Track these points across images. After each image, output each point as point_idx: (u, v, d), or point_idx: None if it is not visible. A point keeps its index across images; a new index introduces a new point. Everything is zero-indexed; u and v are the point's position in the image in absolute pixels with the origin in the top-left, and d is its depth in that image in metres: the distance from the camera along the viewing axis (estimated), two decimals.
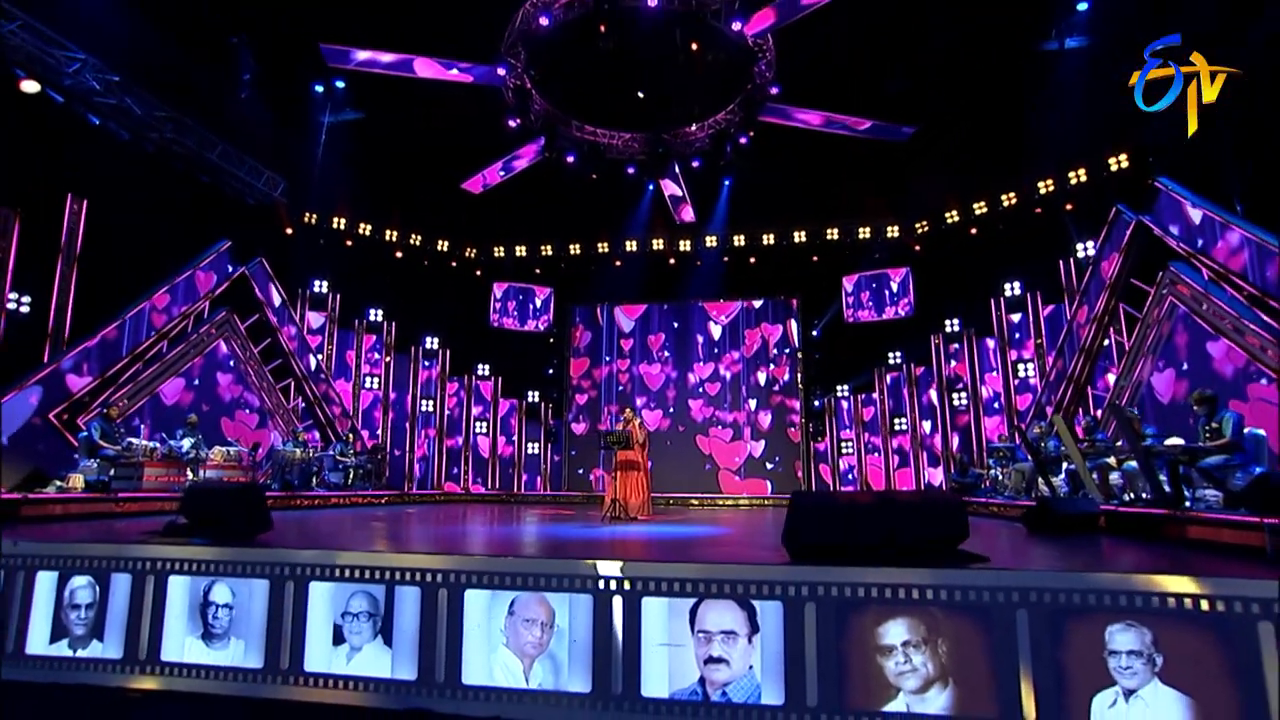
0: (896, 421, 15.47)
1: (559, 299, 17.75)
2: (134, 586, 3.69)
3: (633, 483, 8.17)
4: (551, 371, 17.57)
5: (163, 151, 11.17)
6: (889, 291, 15.94)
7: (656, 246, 16.88)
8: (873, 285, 16.08)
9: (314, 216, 14.57)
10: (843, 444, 15.99)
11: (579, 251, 17.20)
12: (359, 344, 15.20)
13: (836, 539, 3.21)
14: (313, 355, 14.12)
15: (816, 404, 16.34)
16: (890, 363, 15.62)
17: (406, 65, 12.67)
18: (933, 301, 15.26)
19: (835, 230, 16.01)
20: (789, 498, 3.59)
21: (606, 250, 17.02)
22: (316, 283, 14.62)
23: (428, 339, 16.35)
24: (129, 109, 10.33)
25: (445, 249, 16.58)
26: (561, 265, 17.39)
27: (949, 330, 14.81)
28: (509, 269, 17.33)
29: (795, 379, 16.61)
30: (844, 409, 16.10)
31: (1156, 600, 2.63)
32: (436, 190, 15.48)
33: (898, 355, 15.56)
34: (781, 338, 16.89)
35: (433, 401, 16.24)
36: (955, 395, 14.63)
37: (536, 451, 17.08)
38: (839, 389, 16.18)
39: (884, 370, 15.67)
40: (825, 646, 2.87)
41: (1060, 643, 2.68)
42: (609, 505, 8.11)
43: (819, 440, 16.19)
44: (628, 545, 5.10)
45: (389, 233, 15.75)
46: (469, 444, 16.63)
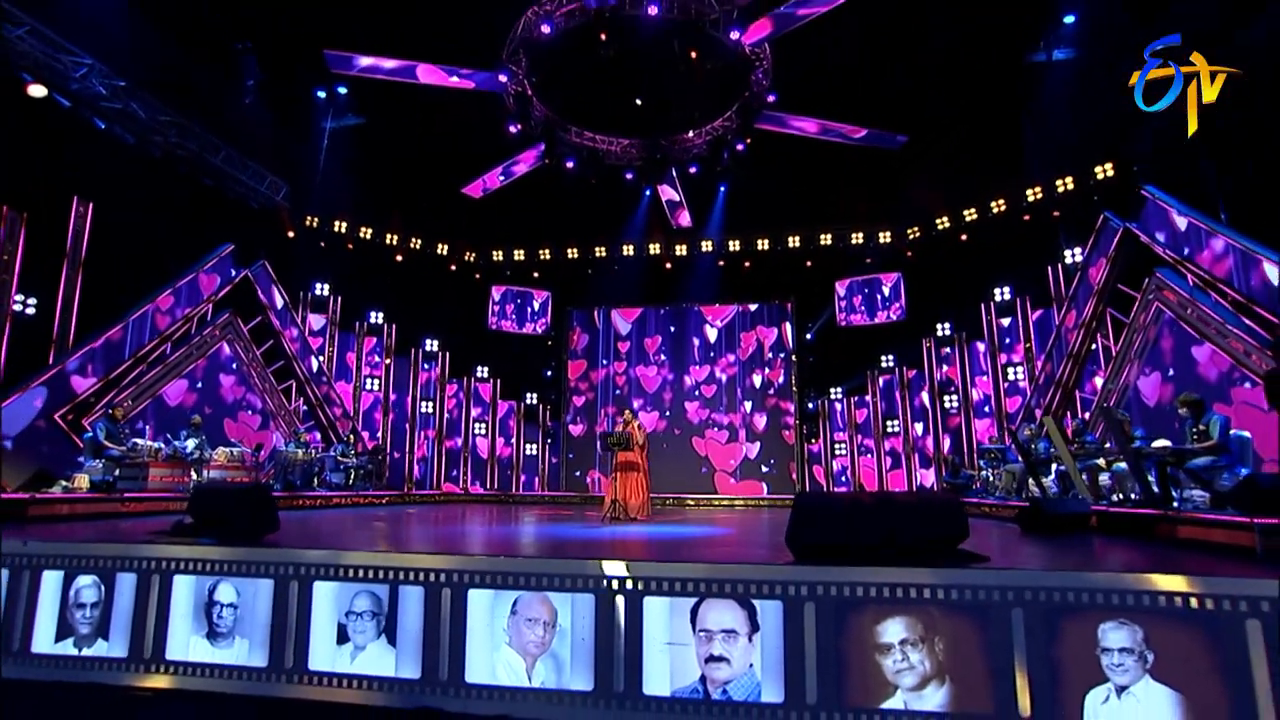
0: (889, 424, 15.57)
1: (557, 302, 17.83)
2: (139, 586, 3.69)
3: (633, 484, 8.20)
4: (549, 374, 17.63)
5: (167, 155, 11.23)
6: (881, 296, 16.07)
7: (653, 251, 16.96)
8: (865, 290, 16.20)
9: (316, 220, 14.65)
10: (836, 446, 16.07)
11: (577, 255, 17.28)
12: (360, 346, 15.25)
13: (839, 539, 3.24)
14: (314, 357, 14.15)
15: (810, 406, 16.42)
16: (883, 366, 15.74)
17: (409, 71, 12.78)
18: (924, 306, 15.40)
19: (829, 235, 16.14)
20: (786, 499, 3.64)
21: (604, 254, 17.09)
22: (318, 285, 14.67)
23: (427, 341, 16.40)
24: (134, 113, 10.40)
25: (445, 252, 16.65)
26: (560, 269, 17.45)
27: (940, 334, 14.94)
28: (508, 272, 17.41)
29: (790, 382, 16.68)
30: (837, 411, 16.19)
31: (1148, 599, 2.67)
32: (437, 195, 15.59)
33: (890, 359, 15.67)
34: (776, 341, 16.97)
35: (432, 403, 16.27)
36: (946, 398, 14.73)
37: (534, 453, 17.13)
38: (833, 391, 16.28)
39: (877, 373, 15.78)
40: (824, 645, 2.90)
41: (1054, 640, 2.72)
42: (609, 506, 8.14)
43: (813, 442, 16.27)
44: (629, 545, 5.12)
45: (390, 236, 15.82)
46: (468, 445, 16.66)
